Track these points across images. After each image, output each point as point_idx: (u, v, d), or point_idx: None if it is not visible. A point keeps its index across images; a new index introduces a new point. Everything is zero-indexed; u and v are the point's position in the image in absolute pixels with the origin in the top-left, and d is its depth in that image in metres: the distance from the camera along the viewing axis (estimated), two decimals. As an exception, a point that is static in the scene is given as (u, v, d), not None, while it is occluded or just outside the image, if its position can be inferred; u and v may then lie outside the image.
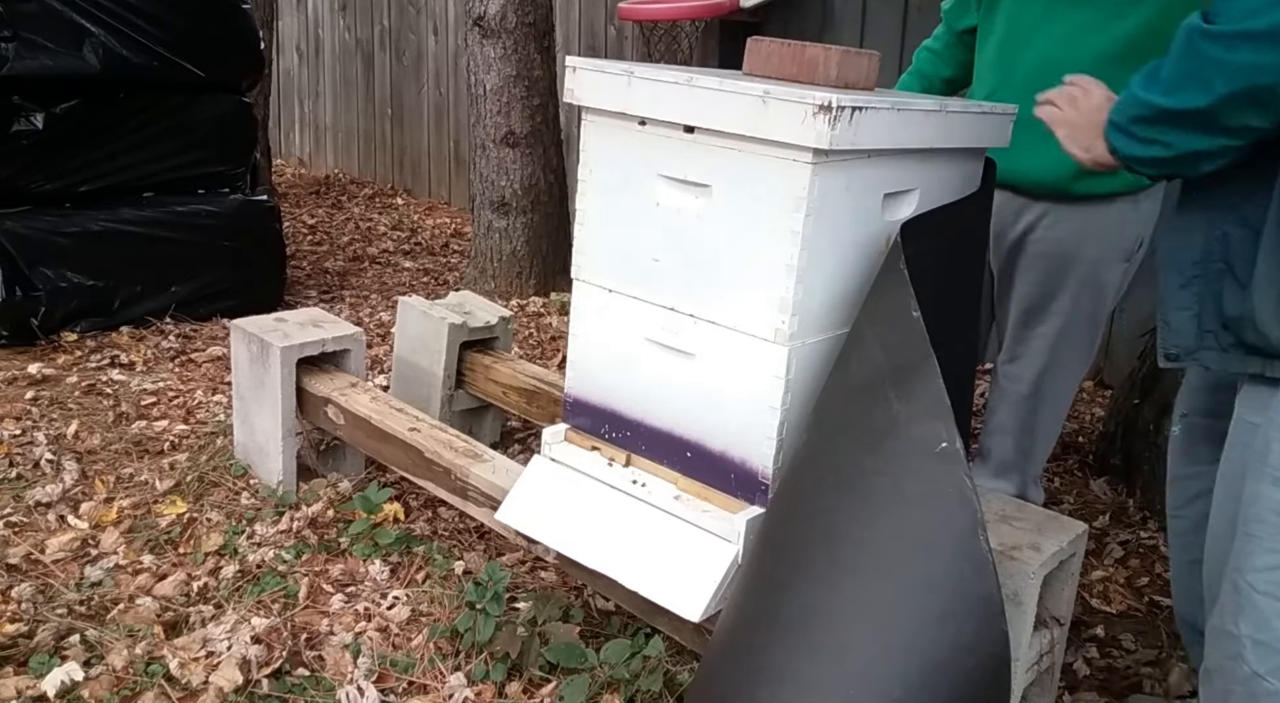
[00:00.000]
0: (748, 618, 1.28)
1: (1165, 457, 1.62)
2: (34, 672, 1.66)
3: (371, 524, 2.14)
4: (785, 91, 1.28)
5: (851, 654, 1.14)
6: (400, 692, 1.70)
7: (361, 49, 6.51)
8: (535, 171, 3.97)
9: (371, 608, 1.91)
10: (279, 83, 6.98)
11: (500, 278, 4.04)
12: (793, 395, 1.41)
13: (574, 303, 1.63)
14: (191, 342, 3.34)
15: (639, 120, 1.47)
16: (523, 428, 2.79)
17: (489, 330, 2.51)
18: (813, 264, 1.36)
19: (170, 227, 3.47)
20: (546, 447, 1.69)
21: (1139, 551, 2.38)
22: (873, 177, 1.41)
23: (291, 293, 3.96)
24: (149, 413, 2.75)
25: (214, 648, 1.74)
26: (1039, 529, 1.50)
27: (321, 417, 2.25)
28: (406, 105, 6.24)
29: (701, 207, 1.44)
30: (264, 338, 2.24)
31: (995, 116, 1.59)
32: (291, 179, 6.58)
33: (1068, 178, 1.82)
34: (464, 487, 1.90)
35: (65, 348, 3.18)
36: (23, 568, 1.99)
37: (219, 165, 3.64)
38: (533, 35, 3.85)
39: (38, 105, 3.16)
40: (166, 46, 3.37)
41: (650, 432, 1.57)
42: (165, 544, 2.10)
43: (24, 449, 2.46)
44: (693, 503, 1.52)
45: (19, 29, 3.08)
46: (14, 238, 3.15)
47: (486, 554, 2.14)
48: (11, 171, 3.16)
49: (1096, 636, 2.03)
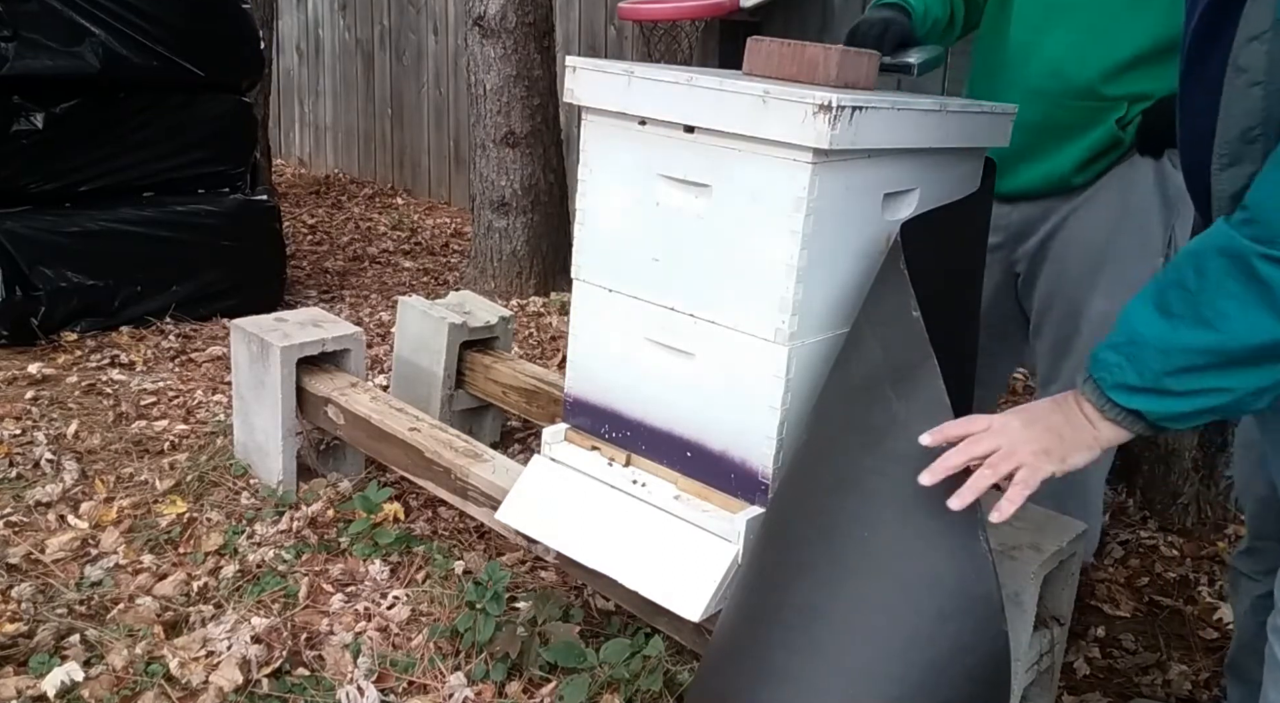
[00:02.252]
0: (748, 618, 1.28)
1: (1165, 457, 1.60)
2: (34, 672, 1.66)
3: (371, 524, 2.14)
4: (785, 91, 1.28)
5: (852, 654, 1.14)
6: (400, 692, 1.70)
7: (361, 49, 6.51)
8: (535, 171, 3.97)
9: (371, 608, 1.91)
10: (279, 83, 6.98)
11: (500, 278, 4.04)
12: (793, 395, 1.41)
13: (574, 303, 1.63)
14: (191, 342, 3.35)
15: (639, 120, 1.47)
16: (523, 428, 2.79)
17: (489, 330, 2.51)
18: (813, 264, 1.36)
19: (170, 227, 3.47)
20: (546, 446, 1.69)
21: (1139, 551, 2.38)
22: (873, 176, 1.41)
23: (291, 293, 3.96)
24: (149, 413, 2.75)
25: (214, 648, 1.74)
26: (1039, 529, 1.50)
27: (321, 417, 2.25)
28: (406, 105, 6.24)
29: (701, 207, 1.44)
30: (264, 338, 2.24)
31: (995, 116, 1.58)
32: (291, 179, 6.58)
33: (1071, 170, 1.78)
34: (464, 487, 1.90)
35: (65, 348, 3.18)
36: (23, 568, 1.99)
37: (219, 165, 3.64)
38: (533, 35, 3.85)
39: (38, 105, 3.16)
40: (166, 46, 3.37)
41: (650, 431, 1.57)
42: (165, 544, 2.10)
43: (24, 449, 2.46)
44: (693, 503, 1.52)
45: (19, 29, 3.08)
46: (14, 238, 3.15)
47: (486, 554, 2.14)
48: (11, 172, 3.16)
49: (1097, 636, 2.03)
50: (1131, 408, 1.01)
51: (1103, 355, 1.04)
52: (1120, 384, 1.01)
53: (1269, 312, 0.92)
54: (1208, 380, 0.97)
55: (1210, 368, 0.96)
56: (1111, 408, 1.03)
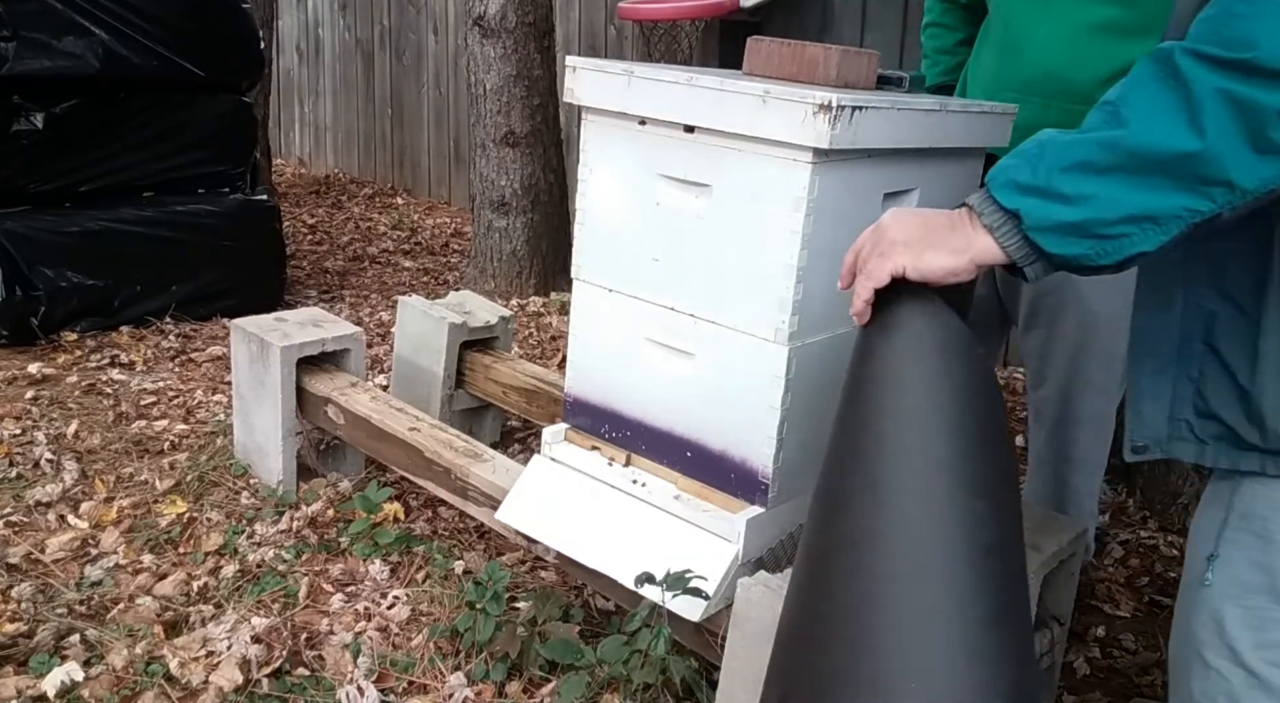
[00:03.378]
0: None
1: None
2: (34, 672, 1.66)
3: (371, 524, 2.14)
4: (785, 91, 1.28)
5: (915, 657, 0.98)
6: (400, 692, 1.70)
7: (361, 49, 6.51)
8: (535, 171, 3.98)
9: (371, 608, 1.91)
10: (279, 83, 6.98)
11: (500, 278, 4.04)
12: (793, 395, 1.41)
13: (574, 303, 1.63)
14: (191, 341, 3.35)
15: (639, 120, 1.47)
16: (523, 428, 2.79)
17: (489, 330, 2.51)
18: (813, 264, 1.36)
19: (170, 226, 3.47)
20: (546, 446, 1.69)
21: (1139, 550, 2.38)
22: (873, 176, 1.41)
23: (291, 293, 3.96)
24: (149, 413, 2.75)
25: (214, 648, 1.74)
26: (1039, 529, 1.50)
27: (321, 416, 2.25)
28: (406, 105, 6.24)
29: (701, 207, 1.44)
30: (264, 338, 2.24)
31: (995, 116, 1.58)
32: (291, 179, 6.58)
33: None
34: (464, 486, 1.90)
35: (65, 348, 3.18)
36: (23, 568, 1.99)
37: (219, 165, 3.64)
38: (533, 35, 3.85)
39: (38, 105, 3.16)
40: (166, 46, 3.37)
41: (650, 431, 1.57)
42: (165, 544, 2.10)
43: (24, 449, 2.46)
44: (693, 503, 1.52)
45: (19, 29, 3.08)
46: (14, 238, 3.15)
47: (486, 554, 2.14)
48: (11, 172, 3.16)
49: (1097, 636, 2.03)
50: (1011, 208, 0.92)
51: (1003, 162, 0.95)
52: (1010, 182, 0.92)
53: (1177, 114, 0.84)
54: (1097, 185, 0.87)
55: (1106, 172, 0.87)
56: (991, 209, 0.94)
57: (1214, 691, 1.03)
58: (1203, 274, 1.00)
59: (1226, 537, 1.02)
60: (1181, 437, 1.04)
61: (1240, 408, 0.99)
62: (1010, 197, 0.92)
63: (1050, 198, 0.90)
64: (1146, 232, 0.88)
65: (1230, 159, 0.83)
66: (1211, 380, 1.01)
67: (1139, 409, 1.07)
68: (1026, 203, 0.91)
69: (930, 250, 0.98)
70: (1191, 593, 1.07)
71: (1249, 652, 1.00)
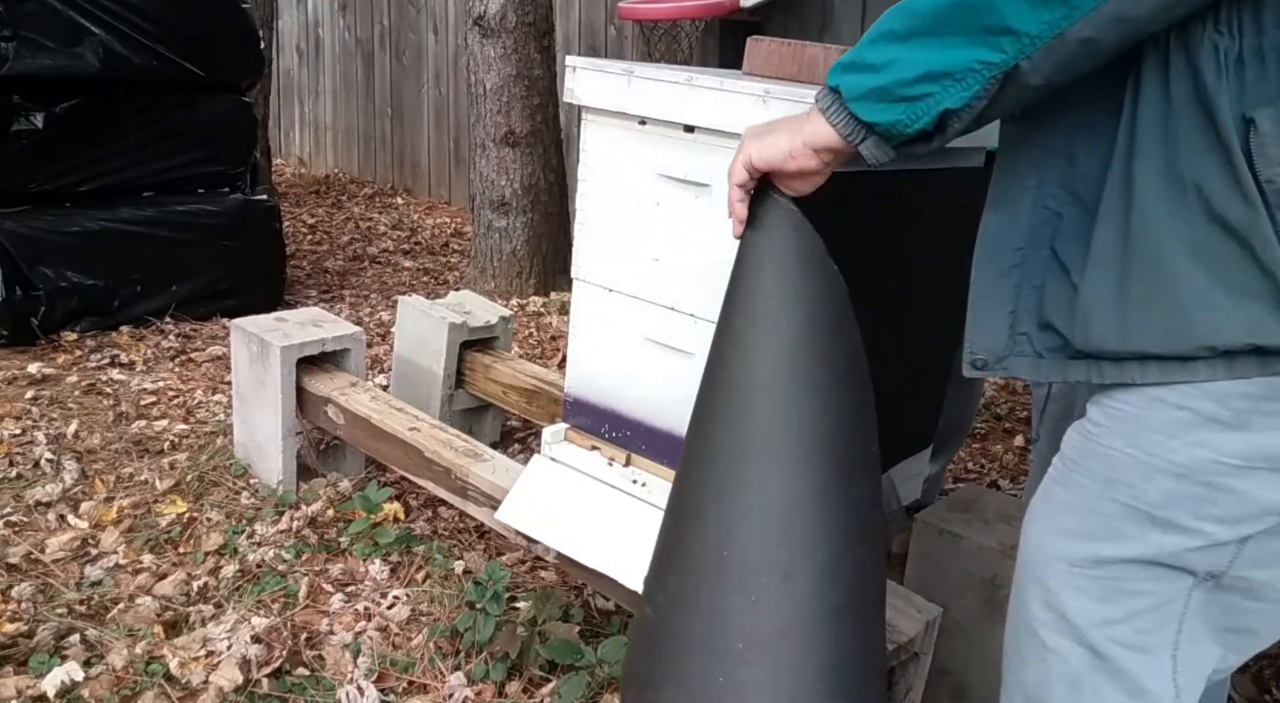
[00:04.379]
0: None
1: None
2: (34, 672, 1.66)
3: (371, 524, 2.15)
4: (785, 91, 1.28)
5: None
6: (400, 692, 1.70)
7: (361, 49, 6.51)
8: (535, 171, 3.98)
9: (371, 608, 1.91)
10: (279, 82, 6.98)
11: (500, 277, 4.04)
12: (793, 395, 1.41)
13: (574, 303, 1.63)
14: (191, 341, 3.35)
15: (639, 120, 1.47)
16: (523, 428, 2.79)
17: (489, 330, 2.51)
18: (813, 264, 1.36)
19: (170, 226, 3.47)
20: (546, 446, 1.69)
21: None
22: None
23: (291, 293, 3.97)
24: (149, 413, 2.76)
25: (214, 648, 1.74)
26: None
27: (321, 416, 2.25)
28: (406, 105, 6.24)
29: (701, 207, 1.44)
30: (264, 337, 2.24)
31: (995, 116, 1.58)
32: (291, 179, 6.59)
33: None
34: (464, 486, 1.90)
35: (65, 347, 3.18)
36: (23, 568, 1.99)
37: (219, 165, 3.64)
38: (533, 35, 3.86)
39: (38, 105, 3.16)
40: (166, 46, 3.37)
41: (650, 431, 1.57)
42: (165, 544, 2.10)
43: (24, 449, 2.46)
44: (693, 503, 1.52)
45: (19, 29, 3.08)
46: (14, 238, 3.15)
47: (486, 554, 2.14)
48: (11, 171, 3.16)
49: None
50: (832, 85, 0.97)
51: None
52: (837, 65, 0.97)
53: None
54: (899, 50, 0.91)
55: (908, 38, 0.90)
56: (823, 94, 0.98)
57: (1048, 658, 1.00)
58: (1055, 172, 0.98)
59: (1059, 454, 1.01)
60: (1020, 352, 1.02)
61: (1070, 312, 0.96)
62: (834, 76, 0.97)
63: (862, 69, 0.94)
64: (947, 88, 0.90)
65: (1006, 5, 0.84)
66: (1051, 288, 0.98)
67: (979, 320, 1.04)
68: (845, 78, 0.96)
69: (770, 135, 1.04)
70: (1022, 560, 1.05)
71: (1092, 629, 0.97)
